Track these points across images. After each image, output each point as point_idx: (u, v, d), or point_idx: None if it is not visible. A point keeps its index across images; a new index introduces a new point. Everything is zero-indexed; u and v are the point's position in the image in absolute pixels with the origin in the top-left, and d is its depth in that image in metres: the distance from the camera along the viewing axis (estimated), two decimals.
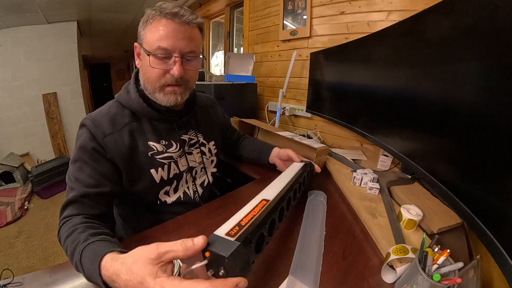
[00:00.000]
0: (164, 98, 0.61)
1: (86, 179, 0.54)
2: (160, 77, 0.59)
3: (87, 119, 0.58)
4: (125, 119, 0.61)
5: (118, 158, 0.58)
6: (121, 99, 0.64)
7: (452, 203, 0.49)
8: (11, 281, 0.43)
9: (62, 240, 0.47)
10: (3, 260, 1.57)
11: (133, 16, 3.18)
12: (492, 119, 0.41)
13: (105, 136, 0.57)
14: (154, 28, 0.56)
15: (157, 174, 0.65)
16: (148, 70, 0.59)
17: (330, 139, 1.48)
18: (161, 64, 0.57)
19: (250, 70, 1.83)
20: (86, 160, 0.55)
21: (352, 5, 1.25)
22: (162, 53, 0.56)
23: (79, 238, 0.44)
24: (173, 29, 0.55)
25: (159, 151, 0.65)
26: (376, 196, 0.75)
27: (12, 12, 2.40)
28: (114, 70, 6.54)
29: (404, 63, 0.72)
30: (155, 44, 0.55)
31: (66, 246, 0.45)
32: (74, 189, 0.53)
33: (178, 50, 0.57)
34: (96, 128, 0.56)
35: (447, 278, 0.38)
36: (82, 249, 0.41)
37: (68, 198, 0.53)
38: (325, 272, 0.48)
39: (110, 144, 0.57)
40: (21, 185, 2.49)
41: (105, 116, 0.59)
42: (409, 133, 0.70)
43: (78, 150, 0.56)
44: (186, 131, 0.73)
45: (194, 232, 0.59)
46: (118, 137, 0.59)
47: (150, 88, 0.61)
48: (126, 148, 0.59)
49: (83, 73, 3.44)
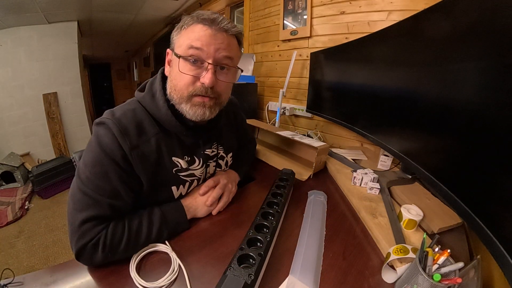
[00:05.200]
0: (190, 110, 0.54)
1: (112, 190, 0.49)
2: (188, 85, 0.52)
3: (110, 120, 0.50)
4: (153, 129, 0.55)
5: (142, 172, 0.53)
6: (146, 105, 0.56)
7: (453, 203, 0.49)
8: (11, 281, 0.43)
9: (114, 245, 0.47)
10: (4, 259, 1.57)
11: (133, 16, 3.19)
12: (493, 119, 0.41)
13: (132, 149, 0.50)
14: (189, 32, 0.51)
15: (177, 191, 0.61)
16: (176, 77, 0.53)
17: (330, 139, 1.48)
18: (192, 70, 0.51)
19: (250, 70, 1.83)
20: (111, 167, 0.49)
21: (352, 5, 1.25)
22: (194, 53, 0.50)
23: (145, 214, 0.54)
24: (209, 34, 0.50)
25: (183, 168, 0.61)
26: (377, 196, 0.75)
27: (12, 12, 2.40)
28: (114, 70, 6.54)
29: (404, 62, 0.72)
30: (187, 45, 0.50)
31: (128, 238, 0.49)
32: (99, 202, 0.47)
33: (212, 57, 0.51)
34: (122, 137, 0.49)
35: (448, 278, 0.38)
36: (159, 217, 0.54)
37: (94, 211, 0.47)
38: (325, 272, 0.48)
39: (136, 159, 0.51)
40: (21, 185, 2.50)
41: (131, 122, 0.52)
42: (410, 132, 0.70)
43: (100, 153, 0.49)
44: (210, 145, 0.68)
45: (194, 232, 0.59)
46: (145, 150, 0.53)
47: (176, 97, 0.54)
48: (152, 164, 0.54)
49: (83, 73, 3.44)
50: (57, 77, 3.05)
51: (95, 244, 0.45)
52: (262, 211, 0.57)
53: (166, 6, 2.88)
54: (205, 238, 0.57)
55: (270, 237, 0.49)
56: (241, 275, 0.39)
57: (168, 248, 0.52)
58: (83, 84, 3.34)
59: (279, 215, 0.57)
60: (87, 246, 0.45)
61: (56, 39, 2.96)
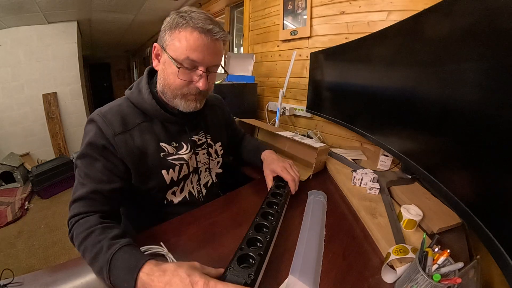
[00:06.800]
0: (185, 105, 0.62)
1: (97, 175, 0.54)
2: (183, 87, 0.59)
3: (97, 115, 0.57)
4: (137, 120, 0.61)
5: (128, 158, 0.58)
6: (133, 98, 0.63)
7: (452, 203, 0.49)
8: (11, 281, 0.43)
9: (77, 241, 0.48)
10: (3, 260, 1.57)
11: (133, 16, 3.19)
12: (493, 119, 0.41)
13: (115, 135, 0.56)
14: (184, 39, 0.54)
15: (168, 175, 0.65)
16: (171, 77, 0.58)
17: (330, 139, 1.48)
18: (187, 76, 0.58)
19: (250, 70, 1.83)
20: (96, 157, 0.55)
21: (352, 5, 1.25)
22: (189, 64, 0.56)
23: (102, 244, 0.44)
24: (204, 44, 0.55)
25: (170, 153, 0.65)
26: (376, 196, 0.75)
27: (12, 12, 2.40)
28: (114, 70, 6.55)
29: (404, 63, 0.72)
30: (184, 54, 0.55)
31: (84, 248, 0.46)
32: (84, 185, 0.53)
33: (206, 65, 0.58)
34: (106, 126, 0.56)
35: (447, 278, 0.38)
36: (110, 257, 0.41)
37: (78, 194, 0.52)
38: (325, 272, 0.48)
39: (120, 143, 0.57)
40: (21, 185, 2.49)
41: (116, 114, 0.59)
42: (409, 133, 0.70)
43: (88, 146, 0.55)
44: (196, 132, 0.73)
45: (194, 231, 0.59)
46: (129, 138, 0.58)
47: (170, 94, 0.61)
48: (137, 149, 0.59)
49: (83, 73, 3.44)
50: (57, 77, 3.05)
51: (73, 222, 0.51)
52: (262, 211, 0.57)
53: (166, 6, 2.88)
54: (204, 238, 0.57)
55: (270, 237, 0.49)
56: (240, 275, 0.39)
57: (163, 249, 0.51)
58: (83, 84, 3.34)
59: (279, 215, 0.57)
60: (69, 222, 0.51)
61: (56, 39, 2.96)
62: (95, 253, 0.43)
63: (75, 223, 0.50)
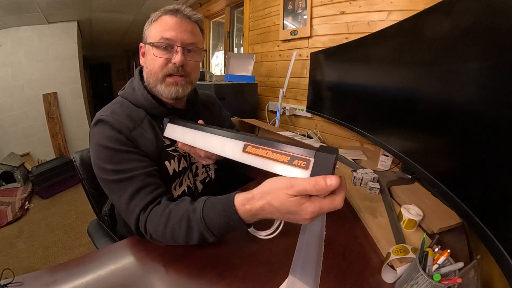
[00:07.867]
0: (165, 89, 0.62)
1: (137, 163, 0.55)
2: (162, 66, 0.60)
3: (105, 115, 0.57)
4: (140, 114, 0.63)
5: (147, 150, 0.59)
6: (128, 97, 0.64)
7: (453, 203, 0.49)
8: (11, 281, 0.43)
9: (160, 228, 0.49)
10: (4, 260, 1.57)
11: (133, 16, 3.18)
12: (493, 119, 0.41)
13: (131, 130, 0.58)
14: (157, 24, 0.60)
15: (170, 166, 0.66)
16: (151, 62, 0.60)
17: (330, 139, 1.48)
18: (164, 54, 0.59)
19: (250, 70, 1.83)
20: (123, 149, 0.55)
21: (352, 5, 1.25)
22: (165, 42, 0.58)
23: (187, 215, 0.47)
24: (175, 22, 0.59)
25: (169, 144, 0.67)
26: (377, 196, 0.75)
27: (12, 12, 2.40)
28: (114, 70, 6.54)
29: (404, 62, 0.72)
30: (158, 35, 0.58)
31: (172, 229, 0.48)
32: (133, 177, 0.53)
33: (180, 41, 0.59)
34: (119, 124, 0.56)
35: (448, 278, 0.38)
36: (200, 216, 0.46)
37: (133, 187, 0.52)
38: (325, 272, 0.48)
39: (137, 137, 0.58)
40: (21, 185, 2.49)
41: (121, 113, 0.60)
42: (409, 133, 0.70)
43: (108, 142, 0.54)
44: None
45: None
46: (142, 131, 0.60)
47: (152, 81, 0.62)
48: (150, 141, 0.61)
49: (83, 73, 3.43)
50: (57, 77, 3.05)
51: (145, 213, 0.51)
52: None
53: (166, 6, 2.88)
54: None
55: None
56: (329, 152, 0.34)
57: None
58: (83, 84, 3.33)
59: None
60: (139, 217, 0.51)
61: (56, 39, 2.95)
62: (186, 226, 0.47)
63: (148, 217, 0.51)
